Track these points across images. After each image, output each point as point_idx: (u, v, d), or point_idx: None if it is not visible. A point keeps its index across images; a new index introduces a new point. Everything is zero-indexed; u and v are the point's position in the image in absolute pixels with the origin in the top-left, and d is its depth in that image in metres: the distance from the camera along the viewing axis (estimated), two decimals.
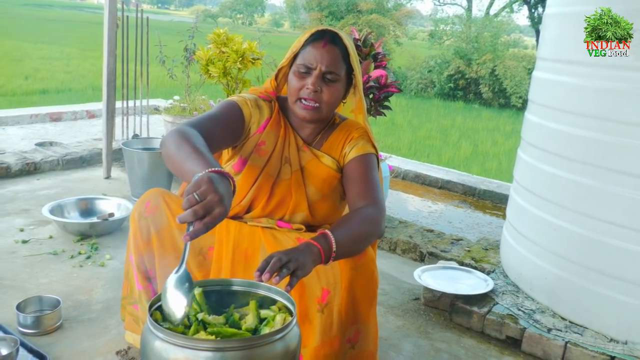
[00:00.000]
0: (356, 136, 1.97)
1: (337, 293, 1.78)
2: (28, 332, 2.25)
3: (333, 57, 1.84)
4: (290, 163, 1.95)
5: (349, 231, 1.69)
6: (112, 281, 2.76)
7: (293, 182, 1.94)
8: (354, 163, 1.93)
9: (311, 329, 1.77)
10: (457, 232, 4.06)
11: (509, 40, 18.17)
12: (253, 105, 1.93)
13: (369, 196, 1.84)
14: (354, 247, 1.72)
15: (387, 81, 3.60)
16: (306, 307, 1.77)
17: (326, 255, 1.58)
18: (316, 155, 1.97)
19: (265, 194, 1.94)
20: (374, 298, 1.92)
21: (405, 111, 12.03)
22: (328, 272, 1.77)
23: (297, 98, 1.87)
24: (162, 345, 1.27)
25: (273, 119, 1.95)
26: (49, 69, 13.02)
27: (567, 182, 2.53)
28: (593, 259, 2.45)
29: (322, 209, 1.99)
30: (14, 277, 2.71)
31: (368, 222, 1.76)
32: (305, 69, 1.84)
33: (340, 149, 1.97)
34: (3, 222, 3.37)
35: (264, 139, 1.93)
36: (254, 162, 1.93)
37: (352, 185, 1.90)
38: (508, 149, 8.72)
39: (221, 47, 4.15)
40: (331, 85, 1.86)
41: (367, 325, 1.90)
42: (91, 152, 4.71)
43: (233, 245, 1.88)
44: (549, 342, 2.42)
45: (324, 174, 1.95)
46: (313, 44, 1.85)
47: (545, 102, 2.74)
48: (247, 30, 23.04)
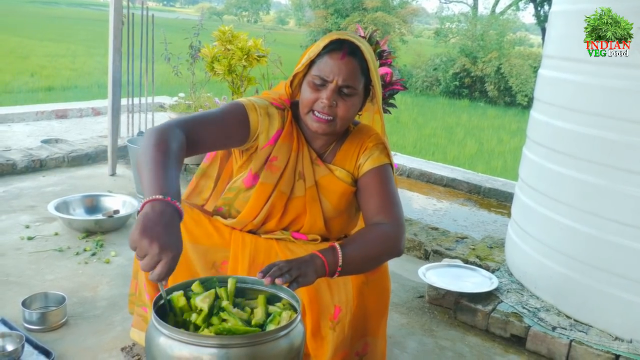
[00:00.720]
0: (370, 146, 1.87)
1: (348, 310, 1.76)
2: (33, 328, 2.26)
3: (351, 70, 1.73)
4: (304, 179, 1.86)
5: (361, 248, 1.64)
6: (117, 278, 2.77)
7: (308, 199, 1.86)
8: (369, 176, 1.83)
9: (323, 345, 1.76)
10: (461, 230, 4.05)
11: (514, 39, 18.09)
12: (262, 112, 1.81)
13: (388, 212, 1.76)
14: (364, 265, 1.68)
15: (393, 79, 3.59)
16: (319, 324, 1.76)
17: (331, 269, 1.55)
18: (330, 169, 1.87)
19: (279, 211, 1.87)
20: (385, 312, 1.90)
21: (410, 109, 12.02)
22: (341, 290, 1.75)
23: (309, 110, 1.76)
24: (166, 342, 1.27)
25: (285, 130, 1.83)
26: (54, 66, 13.05)
27: (573, 180, 2.52)
28: (598, 258, 2.44)
29: (338, 224, 1.92)
30: (19, 274, 2.73)
31: (384, 240, 1.69)
32: (321, 81, 1.73)
33: (354, 160, 1.87)
34: (9, 219, 3.38)
35: (276, 154, 1.82)
36: (266, 179, 1.83)
37: (368, 199, 1.81)
38: (513, 148, 8.70)
39: (226, 44, 4.15)
40: (347, 99, 1.75)
41: (375, 339, 1.89)
42: (96, 149, 4.72)
43: (249, 260, 1.82)
44: (554, 341, 2.41)
45: (340, 190, 1.86)
46: (330, 55, 1.73)
47: (551, 100, 2.73)
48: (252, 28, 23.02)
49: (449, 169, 5.64)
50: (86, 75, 12.07)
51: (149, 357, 1.33)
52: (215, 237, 1.87)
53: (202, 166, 2.09)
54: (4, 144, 5.11)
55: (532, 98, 3.03)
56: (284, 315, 1.43)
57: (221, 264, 1.86)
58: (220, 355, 1.23)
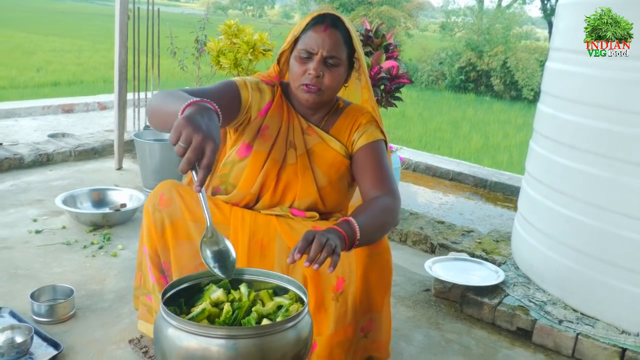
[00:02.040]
0: (364, 122, 1.96)
1: (352, 282, 1.78)
2: (42, 320, 2.27)
3: (334, 41, 1.83)
4: (295, 147, 1.93)
5: (370, 219, 1.68)
6: (124, 271, 2.78)
7: (299, 166, 1.92)
8: (364, 151, 1.92)
9: (326, 317, 1.78)
10: (468, 223, 4.05)
11: (521, 32, 18.02)
12: (254, 87, 1.92)
13: (384, 185, 1.84)
14: (373, 236, 1.72)
15: (399, 72, 3.59)
16: (322, 295, 1.78)
17: (350, 242, 1.58)
18: (323, 138, 1.95)
19: (273, 179, 1.92)
20: (389, 287, 1.92)
21: (415, 103, 11.99)
22: (344, 261, 1.76)
23: (300, 84, 1.85)
24: (175, 333, 1.28)
25: (275, 102, 1.94)
26: (60, 61, 13.08)
27: (580, 173, 2.52)
28: (605, 251, 2.44)
29: (331, 195, 1.97)
30: (28, 267, 2.74)
31: (386, 211, 1.76)
32: (307, 53, 1.83)
33: (347, 136, 1.95)
34: (17, 213, 3.40)
35: (267, 123, 1.92)
36: (260, 146, 1.91)
37: (364, 174, 1.89)
38: (519, 142, 8.67)
39: (232, 38, 4.15)
40: (333, 69, 1.84)
41: (380, 315, 1.90)
42: (103, 144, 4.73)
43: (249, 235, 1.87)
44: (560, 334, 2.41)
45: (331, 158, 1.94)
46: (314, 28, 1.84)
47: (558, 92, 2.72)
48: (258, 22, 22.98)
49: (455, 162, 5.63)
50: (92, 70, 12.10)
51: (158, 348, 1.34)
52: (216, 214, 1.91)
53: None
54: (11, 138, 5.13)
55: (539, 92, 3.03)
56: (292, 308, 1.43)
57: None
58: (229, 347, 1.24)
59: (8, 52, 13.64)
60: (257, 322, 1.38)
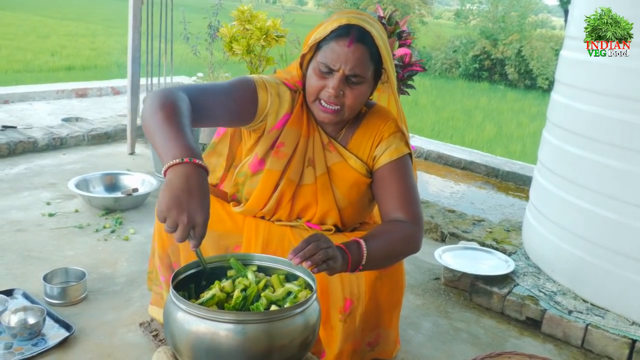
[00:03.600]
0: (387, 135, 1.76)
1: (360, 303, 1.75)
2: (54, 302, 2.30)
3: (358, 57, 1.62)
4: (314, 166, 1.77)
5: (384, 246, 1.59)
6: (135, 255, 2.80)
7: (319, 187, 1.78)
8: (387, 170, 1.74)
9: (333, 335, 1.77)
10: (479, 213, 4.03)
11: (536, 20, 17.82)
12: (273, 92, 1.72)
13: (408, 210, 1.68)
14: (383, 263, 1.65)
15: (411, 60, 3.56)
16: (329, 314, 1.75)
17: (353, 265, 1.50)
18: (343, 156, 1.77)
19: (288, 200, 1.80)
20: (398, 305, 1.89)
21: (429, 92, 11.93)
22: (352, 282, 1.73)
23: (315, 98, 1.68)
24: (184, 317, 1.29)
25: (295, 114, 1.74)
26: (74, 45, 13.13)
27: (593, 163, 2.50)
28: (617, 242, 2.42)
29: (351, 215, 1.86)
30: (41, 249, 2.77)
31: (406, 240, 1.64)
32: (327, 68, 1.63)
33: (369, 150, 1.78)
34: (31, 196, 3.43)
35: (283, 139, 1.74)
36: (273, 165, 1.75)
37: (387, 195, 1.73)
38: (533, 131, 8.61)
39: (245, 24, 4.13)
40: (355, 87, 1.65)
41: (388, 330, 1.89)
42: (116, 128, 4.76)
43: (262, 247, 1.79)
44: (570, 324, 2.41)
45: (352, 179, 1.77)
46: (337, 41, 1.62)
47: (573, 82, 2.70)
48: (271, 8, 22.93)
49: (467, 151, 5.60)
50: (105, 55, 12.14)
51: (167, 332, 1.35)
52: (228, 222, 1.85)
53: (213, 142, 2.00)
54: (25, 122, 5.17)
55: (553, 81, 3.00)
56: (301, 295, 1.44)
57: (234, 249, 1.84)
58: (237, 331, 1.25)
59: (23, 35, 13.72)
60: (266, 308, 1.39)
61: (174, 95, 1.47)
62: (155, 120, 1.39)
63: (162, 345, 2.05)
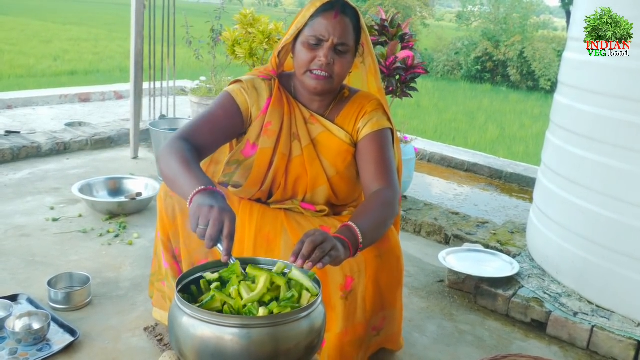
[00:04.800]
0: (370, 110, 1.91)
1: (361, 281, 1.77)
2: (59, 307, 2.30)
3: (344, 27, 1.79)
4: (299, 139, 1.90)
5: (370, 219, 1.66)
6: (139, 259, 2.80)
7: (306, 158, 1.90)
8: (367, 140, 1.88)
9: (334, 315, 1.77)
10: (482, 215, 4.03)
11: (538, 22, 17.79)
12: (250, 87, 1.89)
13: (384, 178, 1.81)
14: (376, 234, 1.69)
15: (414, 62, 3.56)
16: (329, 294, 1.77)
17: (354, 247, 1.55)
18: (326, 127, 1.91)
19: (282, 175, 1.91)
20: (400, 283, 1.91)
21: (431, 94, 11.92)
22: (351, 260, 1.74)
23: (306, 70, 1.81)
24: (189, 321, 1.30)
25: (274, 96, 1.90)
26: (77, 50, 13.17)
27: (597, 164, 2.50)
28: (621, 243, 2.42)
29: (341, 186, 1.94)
30: (45, 254, 2.77)
31: (385, 206, 1.73)
32: (316, 40, 1.78)
33: (353, 124, 1.91)
34: (34, 200, 3.44)
35: (269, 119, 1.88)
36: (264, 144, 1.88)
37: (366, 165, 1.86)
38: (536, 133, 8.59)
39: (248, 27, 4.15)
40: (343, 56, 1.81)
41: (393, 312, 1.90)
42: (119, 133, 4.76)
43: (255, 229, 1.86)
44: (575, 326, 2.40)
45: (337, 147, 1.90)
46: (324, 15, 1.79)
47: (576, 83, 2.69)
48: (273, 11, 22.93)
49: (471, 153, 5.60)
50: (108, 59, 12.17)
51: (172, 336, 1.35)
52: None
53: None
54: (28, 127, 5.18)
55: (556, 82, 3.00)
56: (305, 295, 1.43)
57: None
58: (242, 335, 1.25)
59: (26, 40, 13.76)
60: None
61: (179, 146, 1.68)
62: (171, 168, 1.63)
63: (167, 349, 2.06)
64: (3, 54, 11.36)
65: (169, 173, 1.63)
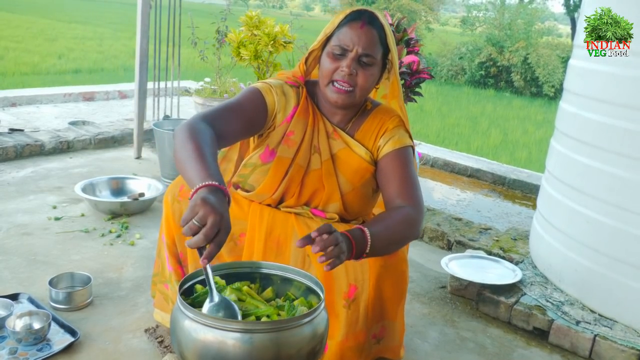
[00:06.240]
0: (391, 127, 1.86)
1: (364, 290, 1.76)
2: (60, 307, 2.30)
3: (370, 39, 1.75)
4: (319, 152, 1.87)
5: (386, 231, 1.63)
6: (141, 260, 2.80)
7: (324, 172, 1.87)
8: (390, 158, 1.83)
9: (337, 322, 1.76)
10: (485, 221, 4.02)
11: (542, 28, 17.81)
12: (279, 92, 1.85)
13: (409, 196, 1.77)
14: (387, 248, 1.67)
15: (419, 67, 3.56)
16: (333, 301, 1.76)
17: (358, 252, 1.53)
18: (348, 143, 1.87)
19: (297, 185, 1.88)
20: (403, 296, 1.90)
21: (434, 98, 11.92)
22: (356, 268, 1.75)
23: (329, 80, 1.77)
24: (191, 325, 1.29)
25: (301, 106, 1.86)
26: (82, 48, 13.20)
27: (602, 173, 2.49)
28: (625, 251, 2.41)
29: (354, 202, 1.92)
30: (46, 253, 2.77)
31: (407, 224, 1.69)
32: (341, 50, 1.75)
33: (373, 140, 1.87)
34: (37, 199, 3.43)
35: (292, 128, 1.85)
36: (283, 152, 1.85)
37: (389, 182, 1.82)
38: (539, 139, 8.59)
39: (253, 29, 4.15)
40: (367, 68, 1.76)
41: (393, 323, 1.89)
42: (122, 132, 4.76)
43: (265, 232, 1.85)
44: (577, 335, 2.39)
45: (356, 164, 1.86)
46: (350, 25, 1.75)
47: (582, 91, 2.68)
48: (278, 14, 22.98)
49: (474, 159, 5.59)
50: (113, 58, 12.20)
51: (174, 340, 1.35)
52: (234, 209, 1.88)
53: (223, 150, 2.12)
54: (32, 125, 5.18)
55: (559, 89, 3.00)
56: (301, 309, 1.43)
57: (239, 237, 1.90)
58: (245, 340, 1.24)
59: (31, 38, 13.80)
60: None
61: (199, 127, 1.59)
62: (184, 152, 1.51)
63: (168, 351, 2.05)
64: (8, 52, 11.39)
65: (182, 154, 1.52)
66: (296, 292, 1.53)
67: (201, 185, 1.38)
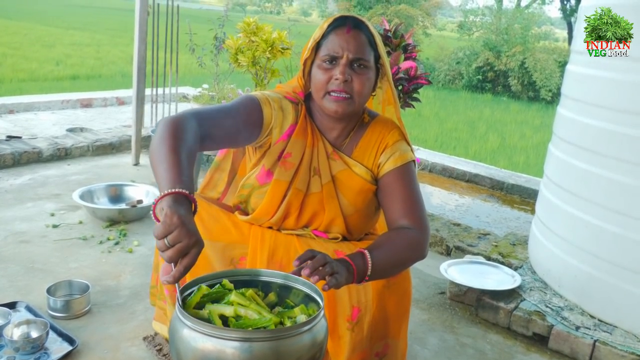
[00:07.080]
0: (391, 143, 1.79)
1: (367, 311, 1.74)
2: (58, 315, 2.29)
3: (359, 42, 1.67)
4: (319, 175, 1.80)
5: (389, 255, 1.59)
6: (139, 267, 2.79)
7: (325, 195, 1.80)
8: (392, 177, 1.76)
9: (341, 344, 1.75)
10: (484, 226, 4.02)
11: (539, 33, 17.87)
12: (276, 106, 1.75)
13: (413, 216, 1.70)
14: (390, 271, 1.65)
15: (417, 73, 3.56)
16: (336, 323, 1.74)
17: (359, 276, 1.50)
18: (348, 164, 1.80)
19: (296, 209, 1.81)
20: (406, 314, 1.88)
21: (432, 103, 11.93)
22: (360, 290, 1.72)
23: (325, 92, 1.69)
24: (190, 334, 1.28)
25: (299, 125, 1.77)
26: (79, 55, 13.21)
27: (600, 178, 2.49)
28: (624, 257, 2.41)
29: (357, 223, 1.87)
30: (44, 261, 2.76)
31: (412, 247, 1.65)
32: (331, 58, 1.67)
33: (373, 157, 1.80)
34: (35, 207, 3.42)
35: (290, 149, 1.77)
36: (281, 175, 1.77)
37: (392, 202, 1.75)
38: (536, 143, 8.60)
39: (251, 36, 4.15)
40: (361, 73, 1.68)
41: (396, 341, 1.87)
42: (120, 139, 4.76)
43: (268, 255, 1.78)
44: (577, 340, 2.38)
45: (358, 186, 1.79)
46: (335, 32, 1.68)
47: (580, 96, 2.69)
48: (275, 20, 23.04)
49: (472, 164, 5.59)
50: (110, 65, 12.20)
51: (173, 348, 1.34)
52: (233, 233, 1.84)
53: (216, 159, 2.07)
54: (30, 132, 5.17)
55: (556, 93, 3.01)
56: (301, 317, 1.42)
57: (239, 260, 1.83)
58: (244, 349, 1.23)
59: (29, 45, 13.80)
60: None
61: (184, 125, 1.48)
62: (160, 148, 1.41)
63: (166, 359, 2.04)
64: (6, 58, 11.38)
65: (157, 151, 1.42)
66: (295, 300, 1.52)
67: (169, 192, 1.28)
